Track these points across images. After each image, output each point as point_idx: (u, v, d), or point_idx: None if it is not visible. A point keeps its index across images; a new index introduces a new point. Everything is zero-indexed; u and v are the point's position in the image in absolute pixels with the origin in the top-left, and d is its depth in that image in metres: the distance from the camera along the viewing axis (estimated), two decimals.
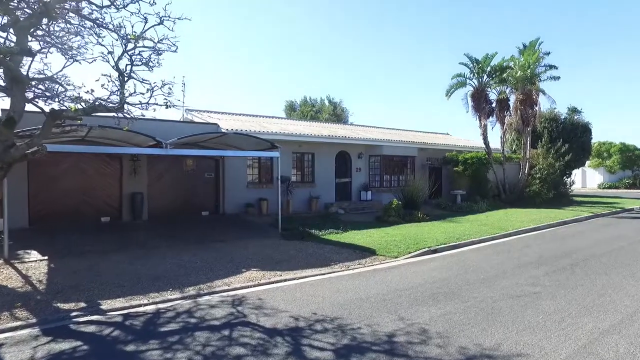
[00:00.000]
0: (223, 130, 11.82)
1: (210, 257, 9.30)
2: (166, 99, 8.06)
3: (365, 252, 10.12)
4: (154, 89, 8.09)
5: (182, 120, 18.31)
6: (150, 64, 8.22)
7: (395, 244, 10.84)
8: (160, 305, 6.37)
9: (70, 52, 7.93)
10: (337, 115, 39.48)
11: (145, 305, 6.40)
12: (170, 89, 8.31)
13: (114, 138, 11.35)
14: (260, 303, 6.37)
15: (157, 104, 8.12)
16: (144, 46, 8.15)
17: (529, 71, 19.70)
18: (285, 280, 7.86)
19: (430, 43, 69.01)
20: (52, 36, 7.94)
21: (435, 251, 10.49)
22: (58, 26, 7.87)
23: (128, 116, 8.40)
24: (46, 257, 9.15)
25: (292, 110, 40.23)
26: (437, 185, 19.55)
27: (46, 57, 8.17)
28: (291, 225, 13.38)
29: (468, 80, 20.74)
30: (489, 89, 20.96)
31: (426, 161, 22.21)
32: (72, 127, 9.62)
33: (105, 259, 9.03)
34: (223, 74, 61.65)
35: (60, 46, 7.91)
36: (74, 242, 10.55)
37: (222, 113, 19.37)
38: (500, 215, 16.97)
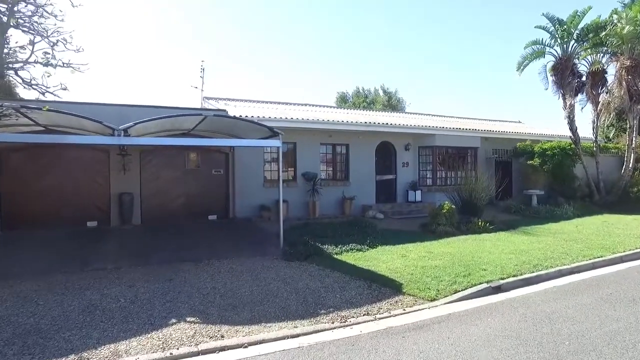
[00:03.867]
0: (203, 114, 8.75)
1: (149, 291, 6.18)
2: (47, 54, 5.05)
3: (386, 288, 6.40)
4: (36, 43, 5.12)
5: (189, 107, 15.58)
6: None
7: (436, 274, 6.98)
8: None
9: None
10: (392, 106, 35.16)
11: None
12: (65, 43, 5.28)
13: (65, 125, 8.68)
14: None
15: (38, 62, 5.12)
16: None
17: None
18: (221, 349, 4.48)
19: (501, 19, 61.29)
20: None
21: (498, 289, 6.47)
22: None
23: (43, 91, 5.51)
24: None
25: (344, 102, 36.58)
26: (505, 183, 14.97)
27: None
28: (303, 237, 9.96)
29: (548, 49, 15.65)
30: (576, 59, 15.73)
31: (492, 154, 17.56)
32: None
33: (4, 289, 6.24)
34: (271, 64, 59.21)
35: None
36: (17, 258, 8.02)
37: (243, 100, 16.40)
38: (596, 225, 12.13)
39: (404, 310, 5.64)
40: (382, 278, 6.89)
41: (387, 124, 14.80)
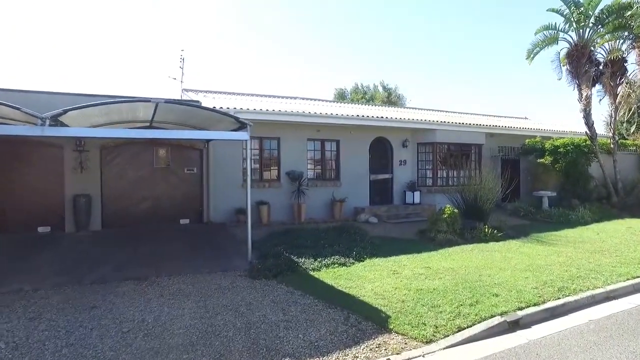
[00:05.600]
0: (152, 100, 7.07)
1: (52, 327, 4.60)
2: None
3: (367, 323, 4.80)
4: None
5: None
6: None
7: (434, 301, 5.36)
8: None
9: None
10: (392, 102, 33.47)
11: None
12: None
13: None
14: None
15: None
16: None
17: None
18: None
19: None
20: None
21: (515, 325, 4.84)
22: None
23: None
24: None
25: (342, 99, 34.92)
26: (513, 184, 13.27)
27: None
28: (278, 247, 8.36)
29: (561, 34, 13.95)
30: (592, 47, 13.99)
31: (497, 152, 15.90)
32: None
33: None
34: (265, 60, 57.17)
35: None
36: None
37: (226, 93, 14.81)
38: (621, 232, 10.47)
39: None
40: (365, 307, 5.28)
41: (381, 117, 13.17)
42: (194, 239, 9.75)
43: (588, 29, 13.57)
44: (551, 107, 53.94)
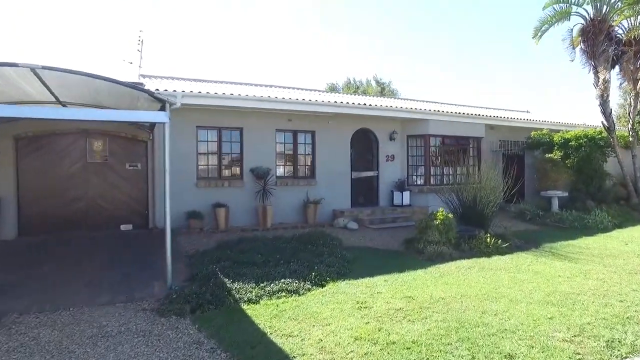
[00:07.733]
0: (24, 65, 4.98)
1: None
2: None
3: None
4: None
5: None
6: None
7: None
8: None
9: None
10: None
11: None
12: None
13: None
14: None
15: None
16: None
17: None
18: None
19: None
20: None
21: None
22: None
23: None
24: None
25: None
26: (520, 183, 11.11)
27: None
28: (217, 265, 6.30)
29: (575, 8, 11.84)
30: (611, 23, 11.88)
31: (499, 146, 13.81)
32: None
33: None
34: (253, 53, 54.57)
35: None
36: None
37: (189, 80, 12.63)
38: None
39: None
40: None
41: (364, 104, 11.06)
42: (123, 250, 7.66)
43: (605, 5, 11.42)
44: (552, 106, 51.72)
